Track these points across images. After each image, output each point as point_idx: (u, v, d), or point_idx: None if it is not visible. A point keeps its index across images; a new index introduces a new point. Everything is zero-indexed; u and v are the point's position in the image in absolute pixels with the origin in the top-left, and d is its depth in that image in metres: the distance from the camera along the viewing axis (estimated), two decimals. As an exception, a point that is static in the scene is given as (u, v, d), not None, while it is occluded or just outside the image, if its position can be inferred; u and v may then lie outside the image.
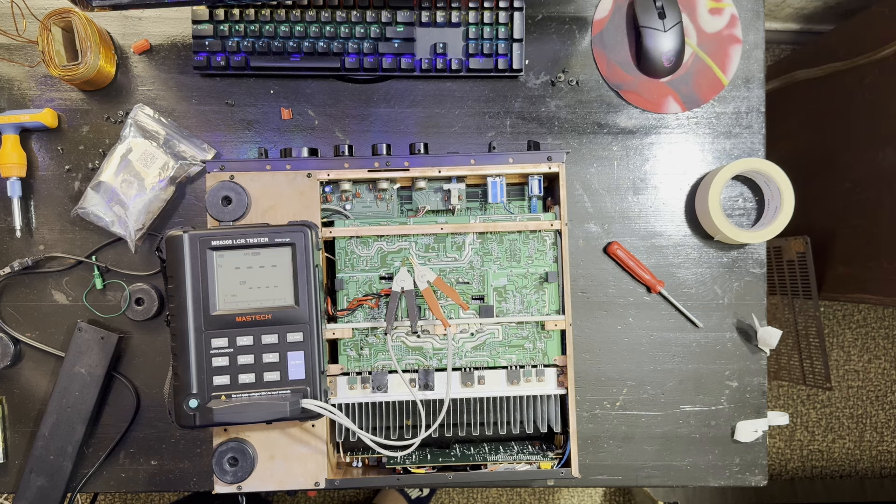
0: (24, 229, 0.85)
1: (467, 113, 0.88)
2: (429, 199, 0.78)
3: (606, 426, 0.87)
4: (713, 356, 0.88)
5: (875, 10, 1.19)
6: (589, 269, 0.87)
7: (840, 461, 1.77)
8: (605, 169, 0.88)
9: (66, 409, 0.82)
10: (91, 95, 0.86)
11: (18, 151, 0.83)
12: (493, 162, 0.75)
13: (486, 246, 0.76)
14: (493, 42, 0.84)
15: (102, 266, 0.85)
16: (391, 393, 0.74)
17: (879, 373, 1.77)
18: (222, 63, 0.83)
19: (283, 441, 0.72)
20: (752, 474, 0.87)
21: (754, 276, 0.88)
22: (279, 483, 0.72)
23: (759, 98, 0.89)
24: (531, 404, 0.76)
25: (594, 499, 1.75)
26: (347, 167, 0.74)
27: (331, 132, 0.87)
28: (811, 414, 1.77)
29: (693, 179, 0.89)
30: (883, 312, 1.77)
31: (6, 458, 0.85)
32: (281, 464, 0.72)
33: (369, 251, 0.75)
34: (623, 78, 0.88)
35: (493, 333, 0.76)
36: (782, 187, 0.84)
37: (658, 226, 0.88)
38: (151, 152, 0.82)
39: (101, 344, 0.82)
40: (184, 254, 0.67)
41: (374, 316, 0.75)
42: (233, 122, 0.87)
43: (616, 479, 0.87)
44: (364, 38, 0.83)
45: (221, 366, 0.67)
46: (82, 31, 0.79)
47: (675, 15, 0.85)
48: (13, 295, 0.85)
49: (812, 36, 1.60)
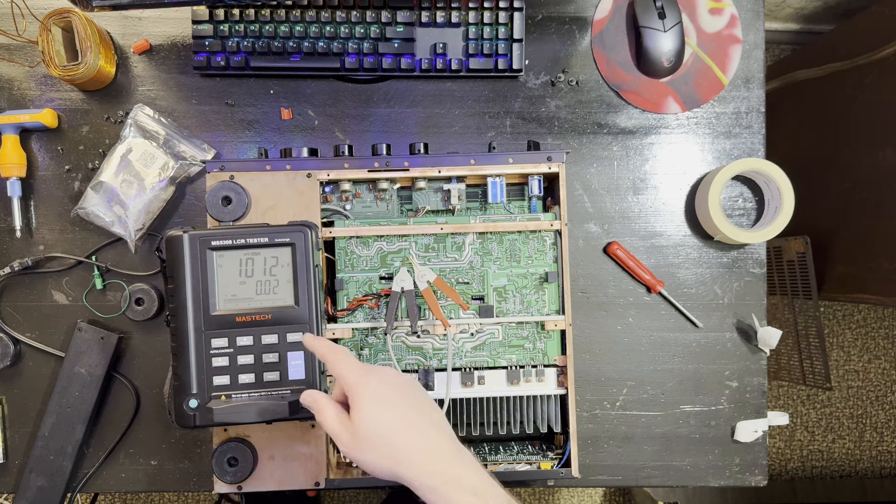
0: (24, 229, 0.85)
1: (467, 113, 0.88)
2: (429, 199, 0.78)
3: (606, 426, 0.87)
4: (713, 356, 0.88)
5: (875, 10, 1.19)
6: (589, 269, 0.87)
7: (840, 461, 1.77)
8: (605, 169, 0.88)
9: (66, 409, 0.82)
10: (91, 95, 0.86)
11: (18, 151, 0.83)
12: (493, 162, 0.75)
13: (486, 246, 0.76)
14: (493, 42, 0.84)
15: (102, 266, 0.85)
16: (391, 393, 0.74)
17: (879, 373, 1.77)
18: (222, 63, 0.83)
19: (283, 441, 0.72)
20: (752, 474, 0.87)
21: (754, 276, 0.88)
22: (279, 483, 0.72)
23: (759, 98, 0.89)
24: (531, 404, 0.76)
25: (594, 499, 1.75)
26: (347, 167, 0.74)
27: (331, 132, 0.87)
28: (811, 414, 1.77)
29: (693, 179, 0.89)
30: (883, 312, 1.77)
31: (6, 458, 0.85)
32: (281, 464, 0.72)
33: (369, 251, 0.75)
34: (623, 78, 0.88)
35: (493, 333, 0.76)
36: (782, 187, 0.84)
37: (658, 226, 0.88)
38: (151, 152, 0.82)
39: (101, 344, 0.82)
40: (184, 254, 0.67)
41: (374, 316, 0.75)
42: (233, 122, 0.87)
43: (616, 479, 0.87)
44: (364, 38, 0.83)
45: (221, 366, 0.67)
46: (82, 31, 0.79)
47: (675, 15, 0.85)
48: (13, 295, 0.85)
49: (812, 36, 1.60)
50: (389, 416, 0.52)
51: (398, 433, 0.52)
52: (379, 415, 0.52)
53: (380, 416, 0.52)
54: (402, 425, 0.52)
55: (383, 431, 0.52)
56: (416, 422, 0.53)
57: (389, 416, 0.52)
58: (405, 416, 0.53)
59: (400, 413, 0.53)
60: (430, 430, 0.53)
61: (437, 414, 0.55)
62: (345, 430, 0.53)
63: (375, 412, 0.52)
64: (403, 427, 0.52)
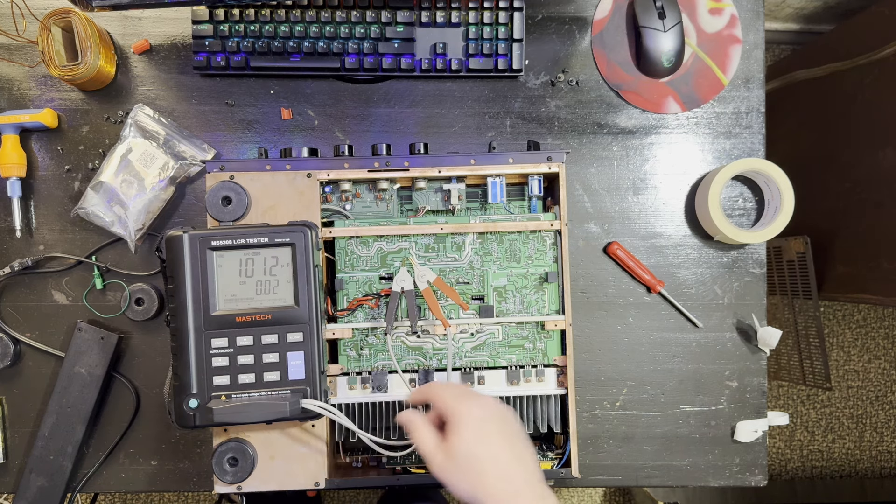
0: (24, 229, 0.85)
1: (467, 113, 0.88)
2: (429, 199, 0.78)
3: (606, 426, 0.87)
4: (713, 356, 0.88)
5: (875, 10, 1.19)
6: (589, 269, 0.87)
7: (840, 461, 1.77)
8: (605, 169, 0.88)
9: (66, 409, 0.82)
10: (91, 95, 0.86)
11: (18, 151, 0.83)
12: (493, 162, 0.75)
13: (486, 246, 0.76)
14: (493, 42, 0.84)
15: (102, 266, 0.85)
16: (391, 393, 0.74)
17: (879, 373, 1.77)
18: (222, 63, 0.83)
19: (283, 441, 0.72)
20: (752, 474, 0.87)
21: (754, 276, 0.88)
22: (279, 483, 0.72)
23: (759, 98, 0.89)
24: (531, 404, 0.76)
25: (594, 499, 1.75)
26: (347, 167, 0.74)
27: (331, 132, 0.87)
28: (811, 414, 1.77)
29: (693, 179, 0.89)
30: (883, 312, 1.77)
31: (6, 458, 0.85)
32: (281, 464, 0.72)
33: (369, 251, 0.75)
34: (623, 78, 0.88)
35: (493, 333, 0.76)
36: (782, 187, 0.84)
37: (658, 226, 0.88)
38: (151, 152, 0.82)
39: (101, 344, 0.82)
40: (184, 254, 0.67)
41: (374, 316, 0.75)
42: (233, 122, 0.87)
43: (616, 479, 0.87)
44: (364, 38, 0.83)
45: (221, 366, 0.67)
46: (82, 31, 0.79)
47: (675, 15, 0.85)
48: (13, 295, 0.85)
49: (812, 36, 1.60)
50: (485, 447, 0.55)
51: (488, 463, 0.54)
52: (476, 443, 0.55)
53: (476, 445, 0.55)
54: (493, 457, 0.55)
55: (475, 460, 0.54)
56: (506, 457, 0.55)
57: (484, 447, 0.55)
58: (499, 450, 0.55)
59: (496, 447, 0.55)
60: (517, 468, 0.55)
61: (528, 450, 0.57)
62: (439, 452, 0.55)
63: (473, 440, 0.55)
64: (493, 459, 0.54)
